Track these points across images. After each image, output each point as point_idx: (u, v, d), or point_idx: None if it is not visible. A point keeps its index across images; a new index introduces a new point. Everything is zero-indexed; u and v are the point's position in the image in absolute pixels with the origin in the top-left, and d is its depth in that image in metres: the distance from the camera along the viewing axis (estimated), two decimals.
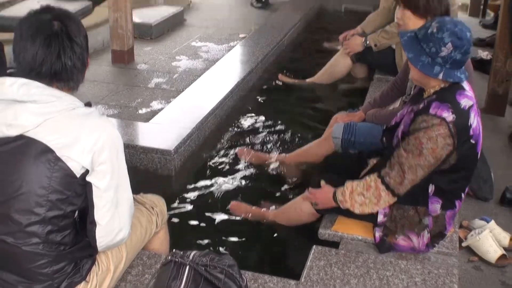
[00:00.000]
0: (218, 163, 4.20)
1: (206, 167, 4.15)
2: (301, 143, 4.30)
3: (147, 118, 4.47)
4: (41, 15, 2.02)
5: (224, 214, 3.62)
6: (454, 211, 2.78)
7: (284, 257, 3.31)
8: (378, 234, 2.83)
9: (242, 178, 4.03)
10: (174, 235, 2.96)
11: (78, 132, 1.96)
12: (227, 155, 4.29)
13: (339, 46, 5.55)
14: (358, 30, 5.34)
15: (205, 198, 3.82)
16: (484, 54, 6.21)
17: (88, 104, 2.09)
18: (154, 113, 4.55)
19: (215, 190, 3.89)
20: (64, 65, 1.99)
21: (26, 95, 1.94)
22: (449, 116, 2.49)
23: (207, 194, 3.86)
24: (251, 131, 4.67)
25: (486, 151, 3.76)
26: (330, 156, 3.59)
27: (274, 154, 4.14)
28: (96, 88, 5.16)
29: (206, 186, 3.93)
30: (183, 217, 3.62)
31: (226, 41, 6.75)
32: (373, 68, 5.36)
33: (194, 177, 4.04)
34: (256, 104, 5.22)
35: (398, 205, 2.74)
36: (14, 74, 2.01)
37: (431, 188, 2.68)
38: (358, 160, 3.21)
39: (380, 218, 2.79)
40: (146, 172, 3.92)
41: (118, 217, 2.10)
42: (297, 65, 6.23)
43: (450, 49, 2.52)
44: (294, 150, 4.06)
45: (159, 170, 3.92)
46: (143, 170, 3.92)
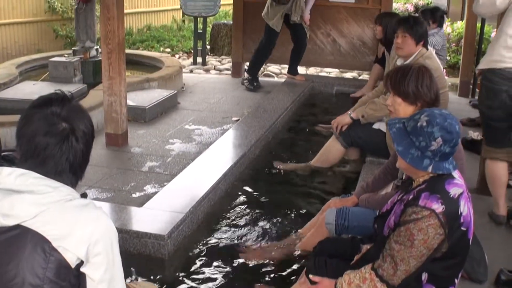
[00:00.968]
0: (212, 248, 4.18)
1: (200, 252, 4.13)
2: (292, 229, 4.31)
3: (141, 202, 4.48)
4: (51, 108, 2.02)
5: None
6: None
7: None
8: None
9: (236, 262, 4.00)
10: None
11: (74, 223, 1.97)
12: (221, 240, 4.28)
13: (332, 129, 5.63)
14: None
15: (199, 284, 3.78)
16: (474, 134, 6.27)
17: (84, 195, 2.10)
18: (148, 197, 4.57)
19: (209, 275, 3.85)
20: (67, 163, 2.01)
21: (23, 185, 1.96)
22: (438, 207, 2.52)
23: (201, 279, 3.82)
24: (245, 215, 4.66)
25: (479, 232, 3.76)
26: (323, 240, 3.58)
27: (269, 243, 4.13)
28: (89, 171, 5.15)
29: (199, 272, 3.90)
30: None
31: (219, 124, 6.84)
32: (364, 151, 5.42)
33: (188, 262, 4.00)
34: (249, 188, 5.23)
35: None
36: (9, 157, 2.02)
37: (425, 276, 2.67)
38: (351, 244, 3.21)
39: None
40: (139, 257, 3.89)
41: None
42: (290, 148, 6.30)
43: (440, 143, 2.57)
44: (288, 236, 4.06)
45: (152, 255, 3.91)
46: (136, 255, 3.90)
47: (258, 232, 4.40)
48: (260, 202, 4.89)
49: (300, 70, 8.92)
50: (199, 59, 11.12)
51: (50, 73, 8.39)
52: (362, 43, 9.00)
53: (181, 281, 3.80)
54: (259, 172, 5.61)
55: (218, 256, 4.07)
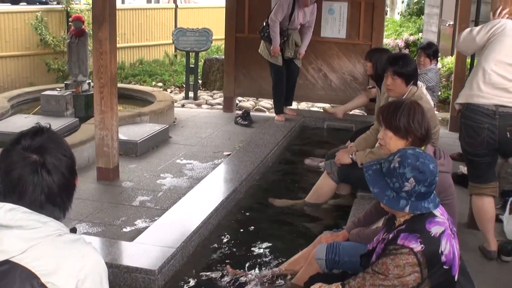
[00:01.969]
0: (202, 283, 4.15)
1: (190, 287, 4.11)
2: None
3: (131, 236, 4.46)
4: (24, 141, 2.01)
5: None
6: None
7: None
8: None
9: None
10: None
11: (63, 259, 1.95)
12: (211, 275, 4.25)
13: (321, 163, 5.64)
14: (353, 148, 5.40)
15: None
16: (465, 169, 6.27)
17: (73, 230, 2.09)
18: (139, 231, 4.55)
19: None
20: (42, 195, 2.00)
21: (12, 220, 1.95)
22: (417, 246, 2.54)
23: None
24: (236, 250, 4.64)
25: (470, 267, 3.75)
26: (314, 276, 3.57)
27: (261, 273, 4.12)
28: (80, 205, 5.16)
29: None
30: None
31: (210, 159, 6.84)
32: (355, 187, 5.43)
33: None
34: (240, 223, 5.21)
35: None
36: None
37: None
38: (342, 279, 3.18)
39: None
40: None
41: None
42: (282, 183, 6.29)
43: (413, 183, 2.59)
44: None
45: None
46: None
47: (250, 266, 4.38)
48: (251, 237, 4.87)
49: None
50: (191, 94, 11.17)
51: (42, 106, 8.42)
52: (353, 78, 9.07)
53: None
54: (251, 207, 5.59)
55: None
